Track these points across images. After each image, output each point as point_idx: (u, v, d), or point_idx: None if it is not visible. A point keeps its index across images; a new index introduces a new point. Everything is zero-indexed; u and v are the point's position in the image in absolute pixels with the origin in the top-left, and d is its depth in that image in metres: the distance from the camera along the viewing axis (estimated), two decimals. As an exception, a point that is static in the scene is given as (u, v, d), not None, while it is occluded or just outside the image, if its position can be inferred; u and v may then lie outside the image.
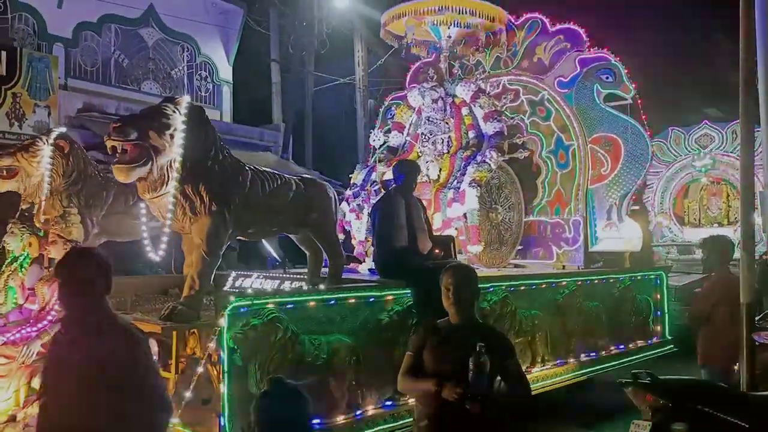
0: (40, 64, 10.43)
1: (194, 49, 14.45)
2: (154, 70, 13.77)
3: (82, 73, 12.37)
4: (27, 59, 10.27)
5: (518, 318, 5.94)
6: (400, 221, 4.99)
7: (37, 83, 10.34)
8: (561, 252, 7.22)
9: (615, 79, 7.16)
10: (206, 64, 14.81)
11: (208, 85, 14.90)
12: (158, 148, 3.88)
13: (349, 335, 4.52)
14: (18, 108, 10.14)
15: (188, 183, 4.00)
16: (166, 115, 3.96)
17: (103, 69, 12.79)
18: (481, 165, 6.53)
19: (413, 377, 3.23)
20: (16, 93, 10.13)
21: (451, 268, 3.42)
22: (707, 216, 16.39)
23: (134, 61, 13.38)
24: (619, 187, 7.05)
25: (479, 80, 7.58)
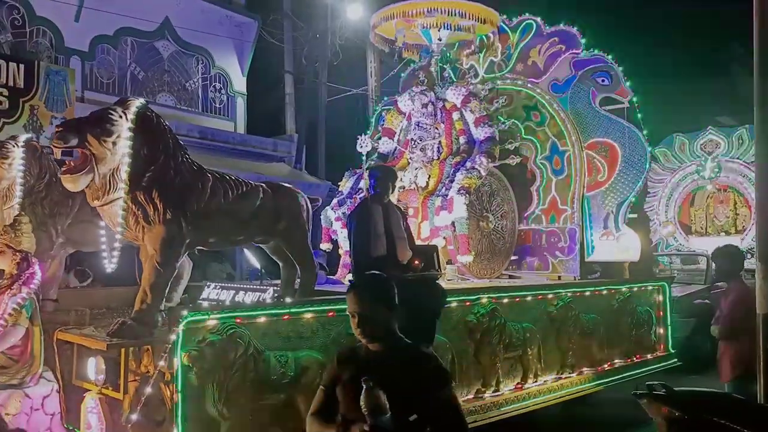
0: (57, 76, 10.58)
1: (209, 61, 14.62)
2: (169, 82, 13.90)
3: (98, 85, 12.52)
4: (44, 72, 10.42)
5: (508, 331, 5.65)
6: (377, 230, 4.72)
7: (54, 96, 10.43)
8: (556, 262, 6.92)
9: (611, 82, 6.89)
10: (220, 75, 14.93)
11: (223, 96, 15.00)
12: (98, 156, 3.67)
13: (321, 351, 4.24)
14: (35, 120, 10.25)
15: (140, 190, 3.77)
16: (110, 121, 3.75)
17: (119, 81, 12.91)
18: (471, 171, 6.26)
19: (319, 420, 2.78)
20: (33, 105, 10.26)
21: (351, 289, 2.89)
22: (714, 225, 15.98)
23: (150, 74, 13.54)
24: (616, 195, 6.75)
25: (471, 84, 7.32)
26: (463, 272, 6.41)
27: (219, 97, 14.82)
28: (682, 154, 15.88)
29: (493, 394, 5.49)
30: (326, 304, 4.32)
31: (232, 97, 15.08)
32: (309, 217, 4.81)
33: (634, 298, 7.23)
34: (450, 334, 5.20)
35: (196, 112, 14.32)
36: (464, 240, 5.97)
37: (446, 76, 7.20)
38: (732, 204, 15.72)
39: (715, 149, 15.43)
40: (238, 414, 3.74)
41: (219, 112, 14.83)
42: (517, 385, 5.77)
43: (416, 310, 4.58)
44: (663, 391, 3.40)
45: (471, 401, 5.28)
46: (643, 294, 7.53)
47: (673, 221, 15.97)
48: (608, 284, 6.90)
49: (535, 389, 5.89)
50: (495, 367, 5.52)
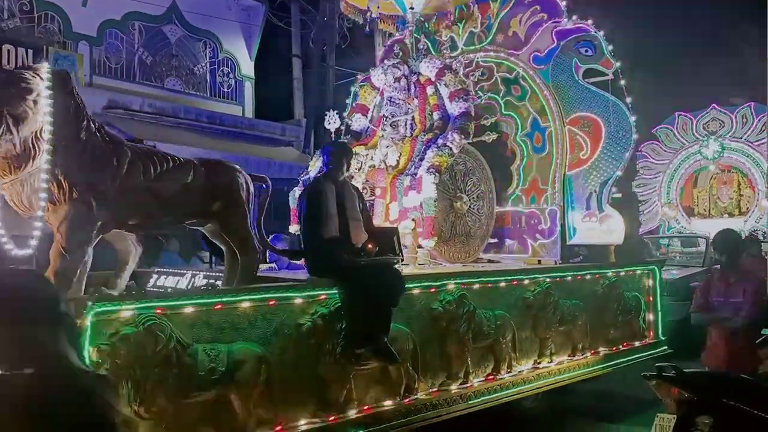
0: (65, 62, 10.70)
1: (216, 45, 14.65)
2: (177, 66, 13.95)
3: (106, 70, 12.58)
4: (53, 57, 10.48)
5: (478, 319, 5.27)
6: (329, 210, 4.34)
7: None
8: (536, 245, 6.53)
9: (595, 52, 6.42)
10: (228, 60, 14.96)
11: (230, 80, 15.02)
12: (18, 116, 3.28)
13: (260, 343, 3.89)
14: None
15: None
16: (25, 80, 3.36)
17: (127, 66, 12.98)
18: (442, 149, 5.85)
19: None
20: None
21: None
22: (717, 206, 15.51)
23: (158, 58, 13.59)
24: (599, 173, 6.32)
25: (450, 58, 6.88)
26: (435, 256, 6.03)
27: (227, 81, 14.88)
28: (684, 133, 15.39)
29: (461, 386, 5.13)
30: (266, 292, 3.96)
31: (240, 82, 15.13)
32: (251, 197, 4.42)
33: (620, 282, 6.85)
34: (413, 322, 4.85)
35: (204, 96, 14.39)
36: (429, 222, 5.59)
37: (421, 48, 6.76)
38: (736, 185, 15.26)
39: (718, 128, 14.93)
40: (159, 414, 3.40)
41: (227, 96, 14.91)
42: (488, 376, 5.42)
43: (371, 298, 4.25)
44: (673, 372, 3.50)
45: (435, 394, 4.93)
46: (631, 278, 7.15)
47: (675, 203, 15.52)
48: (592, 268, 6.50)
49: (508, 380, 5.53)
50: (463, 358, 5.15)
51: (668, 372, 3.51)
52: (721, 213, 15.31)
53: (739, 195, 15.33)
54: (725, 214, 15.19)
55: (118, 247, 4.76)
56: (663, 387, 3.52)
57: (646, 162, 15.72)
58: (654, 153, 15.72)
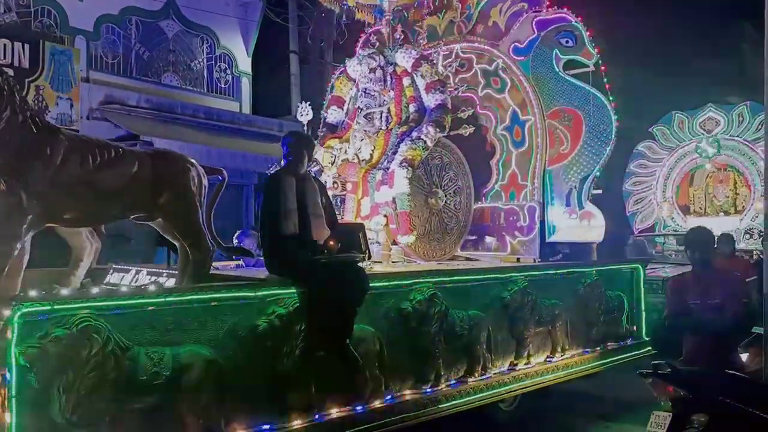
0: (62, 56, 10.54)
1: (214, 41, 14.58)
2: (174, 62, 13.90)
3: (103, 65, 12.48)
4: (49, 52, 10.36)
5: (450, 319, 5.06)
6: (287, 205, 4.11)
7: (59, 76, 10.46)
8: (515, 242, 6.32)
9: (576, 43, 6.20)
10: (225, 55, 14.89)
11: (228, 76, 14.94)
12: None
13: (211, 346, 3.67)
14: (41, 100, 10.26)
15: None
16: None
17: (124, 61, 12.90)
18: (416, 142, 5.64)
19: None
20: (39, 85, 10.24)
21: None
22: (713, 205, 15.43)
23: (155, 54, 13.53)
24: (579, 169, 6.11)
25: (429, 48, 6.67)
26: (409, 254, 5.82)
27: (224, 77, 14.82)
28: (681, 132, 15.33)
29: (432, 389, 4.92)
30: (218, 292, 3.73)
31: (237, 78, 15.06)
32: (203, 190, 4.17)
33: (603, 281, 6.66)
34: (380, 323, 4.63)
35: (201, 92, 14.28)
36: (405, 218, 5.37)
37: (398, 38, 6.53)
38: (732, 183, 15.22)
39: (714, 127, 14.87)
40: (94, 422, 3.17)
41: (224, 92, 14.84)
42: (460, 378, 5.20)
43: (332, 298, 4.03)
44: (668, 370, 3.58)
45: (403, 397, 4.71)
46: (614, 277, 6.95)
47: (671, 201, 15.46)
48: (572, 267, 6.30)
49: (482, 383, 5.32)
50: (434, 360, 4.94)
51: (664, 370, 3.56)
52: (716, 211, 15.22)
53: (735, 194, 15.26)
54: (721, 212, 15.10)
55: (72, 243, 4.53)
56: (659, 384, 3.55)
57: (643, 161, 15.64)
58: (650, 152, 15.64)
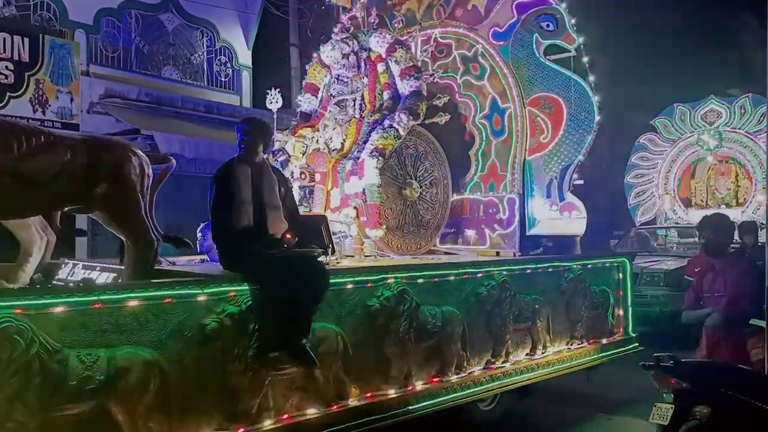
0: (62, 50, 10.56)
1: (214, 34, 14.56)
2: (174, 55, 13.90)
3: (103, 59, 12.44)
4: (49, 46, 10.37)
5: (421, 317, 4.81)
6: (241, 196, 3.85)
7: (59, 69, 10.49)
8: (495, 236, 6.07)
9: (557, 27, 5.93)
10: (226, 49, 14.88)
11: (228, 70, 14.94)
12: None
13: (152, 347, 3.41)
14: (41, 94, 10.31)
15: None
16: None
17: (124, 55, 12.90)
18: (388, 131, 5.38)
19: None
20: (39, 79, 10.23)
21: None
22: (714, 197, 15.31)
23: (155, 47, 13.52)
24: (560, 158, 5.86)
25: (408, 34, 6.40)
26: (382, 248, 5.57)
27: (224, 70, 14.81)
28: (682, 124, 15.18)
29: (400, 391, 4.67)
30: (159, 289, 3.47)
31: (238, 71, 15.04)
32: (146, 181, 3.90)
33: (587, 276, 6.41)
34: (344, 321, 4.38)
35: (202, 85, 14.27)
36: (374, 211, 5.12)
37: (372, 22, 6.25)
38: (733, 176, 15.09)
39: (716, 119, 14.70)
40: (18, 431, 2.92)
41: (224, 85, 14.86)
42: (432, 378, 4.96)
43: (288, 295, 3.78)
44: (671, 362, 3.57)
45: (370, 399, 4.46)
46: (599, 272, 6.71)
47: (672, 194, 15.32)
48: (553, 261, 6.04)
49: (456, 382, 5.07)
50: (403, 359, 4.68)
51: (666, 362, 3.55)
52: (718, 204, 15.10)
53: (737, 186, 15.14)
54: (722, 204, 14.96)
55: (20, 236, 4.28)
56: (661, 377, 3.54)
57: (644, 153, 15.46)
58: (652, 144, 15.48)
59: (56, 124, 10.32)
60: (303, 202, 5.48)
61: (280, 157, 5.49)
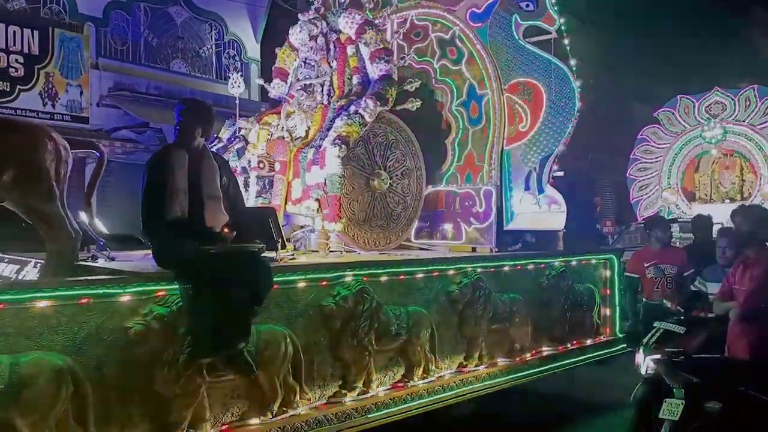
0: (71, 43, 10.69)
1: (222, 27, 14.56)
2: (182, 48, 13.94)
3: (112, 52, 12.46)
4: (59, 39, 10.47)
5: (384, 317, 4.46)
6: (175, 185, 3.49)
7: (69, 63, 10.63)
8: (470, 230, 5.71)
9: (537, 7, 5.55)
10: (234, 42, 14.91)
11: (236, 63, 14.93)
12: None
13: (65, 353, 3.07)
14: (51, 87, 10.35)
15: None
16: None
17: (133, 48, 12.91)
18: (353, 117, 5.01)
19: None
20: (48, 72, 10.26)
21: None
22: (718, 191, 14.92)
23: (163, 40, 13.52)
24: (539, 148, 5.49)
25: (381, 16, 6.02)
26: (348, 243, 5.21)
27: (233, 63, 14.80)
28: (686, 116, 14.76)
29: (359, 397, 4.32)
30: (73, 288, 3.12)
31: (246, 64, 15.00)
32: (65, 168, 3.53)
33: (570, 274, 6.07)
34: (295, 322, 4.04)
35: (210, 79, 14.25)
36: (334, 203, 4.75)
37: (342, 2, 5.87)
38: (738, 170, 14.70)
39: (721, 112, 14.30)
40: None
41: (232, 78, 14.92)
42: (396, 383, 4.62)
43: (224, 294, 3.42)
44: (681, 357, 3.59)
45: (323, 407, 4.12)
46: (583, 269, 6.36)
47: (675, 188, 14.95)
48: (533, 258, 5.69)
49: (422, 387, 4.73)
50: (362, 363, 4.35)
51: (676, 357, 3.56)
52: (722, 198, 14.71)
53: (742, 180, 14.75)
54: (727, 199, 14.57)
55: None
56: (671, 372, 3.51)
57: (648, 146, 15.08)
58: (655, 137, 15.10)
59: (66, 116, 10.55)
60: (262, 194, 5.13)
61: (237, 144, 5.14)
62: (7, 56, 9.83)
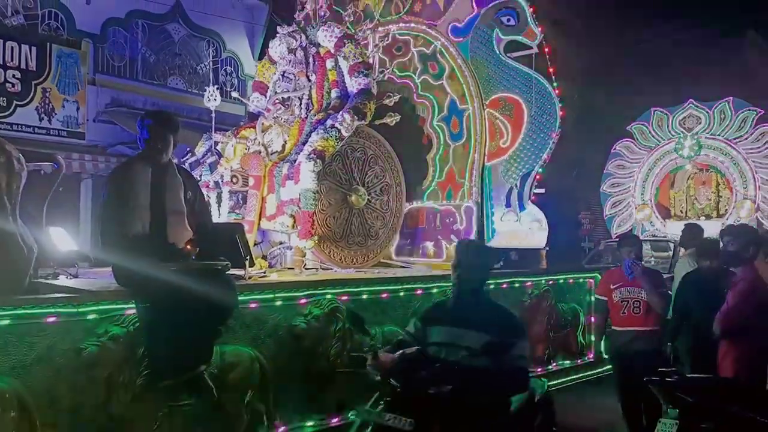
0: (68, 59, 10.68)
1: (220, 44, 14.61)
2: (180, 65, 13.91)
3: (110, 68, 12.41)
4: (56, 55, 10.45)
5: (359, 338, 4.31)
6: (137, 200, 3.35)
7: (66, 78, 10.58)
8: (451, 248, 5.56)
9: (518, 21, 5.46)
10: (231, 59, 14.92)
11: (234, 80, 14.89)
12: None
13: (13, 375, 2.92)
14: (47, 103, 10.37)
15: None
16: None
17: (130, 64, 12.89)
18: (329, 131, 4.89)
19: None
20: (45, 88, 10.28)
21: None
22: (694, 208, 14.70)
23: (161, 57, 13.51)
24: (520, 164, 5.37)
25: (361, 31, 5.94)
26: (324, 261, 5.07)
27: (230, 80, 14.76)
28: (660, 130, 14.57)
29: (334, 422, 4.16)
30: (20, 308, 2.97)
31: (243, 81, 14.89)
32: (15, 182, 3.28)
33: (553, 293, 5.94)
34: (263, 343, 3.89)
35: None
36: (307, 219, 4.62)
37: (322, 15, 5.78)
38: (714, 185, 14.46)
39: (695, 125, 14.14)
40: None
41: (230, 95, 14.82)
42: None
43: (185, 314, 3.27)
44: (675, 377, 3.58)
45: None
46: (567, 288, 6.23)
47: (649, 204, 14.73)
48: (515, 276, 5.55)
49: (398, 411, 4.55)
50: (335, 386, 4.19)
51: (671, 377, 3.56)
52: (698, 215, 14.50)
53: (718, 196, 14.54)
54: (702, 216, 14.39)
55: None
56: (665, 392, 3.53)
57: (621, 161, 14.90)
58: (628, 151, 14.90)
59: (62, 132, 10.50)
60: (235, 209, 4.99)
61: (209, 158, 5.01)
62: (4, 71, 9.84)
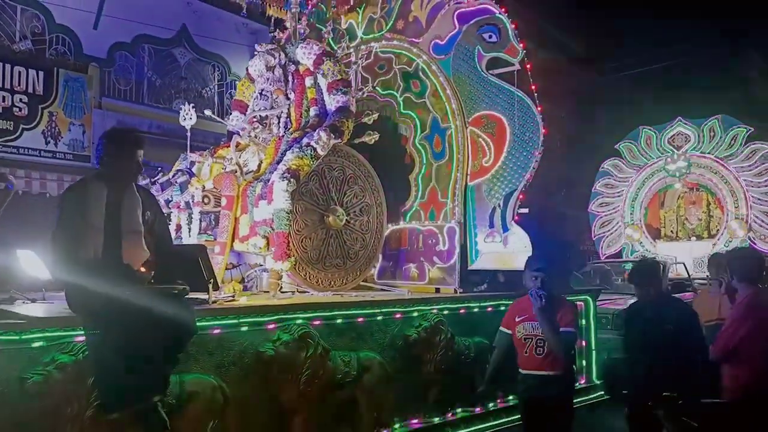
0: (75, 83, 10.86)
1: (225, 68, 14.79)
2: (185, 89, 14.09)
3: (116, 92, 12.61)
4: (63, 79, 10.65)
5: (332, 365, 4.12)
6: (90, 221, 3.18)
7: (72, 102, 10.77)
8: (434, 270, 5.40)
9: (500, 38, 5.33)
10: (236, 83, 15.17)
11: None
12: None
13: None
14: (54, 126, 10.56)
15: None
16: None
17: (136, 88, 13.04)
18: (304, 150, 4.74)
19: None
20: (52, 112, 10.49)
21: None
22: (685, 228, 14.38)
23: (167, 81, 13.68)
24: (503, 183, 5.21)
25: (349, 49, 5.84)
26: (300, 284, 4.90)
27: None
28: (648, 148, 14.32)
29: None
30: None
31: None
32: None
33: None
34: (228, 371, 3.70)
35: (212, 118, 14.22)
36: (282, 240, 4.45)
37: (302, 33, 5.67)
38: (705, 205, 14.16)
39: (684, 143, 13.88)
40: None
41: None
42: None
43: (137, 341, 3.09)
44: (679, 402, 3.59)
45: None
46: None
47: (639, 224, 14.43)
48: (499, 299, 5.36)
49: (375, 442, 4.36)
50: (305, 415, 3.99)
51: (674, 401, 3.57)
52: (688, 235, 14.19)
53: (709, 216, 14.22)
54: (693, 236, 14.09)
55: None
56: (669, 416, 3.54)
57: (609, 180, 14.63)
58: (617, 170, 14.65)
59: (68, 155, 10.66)
60: (207, 230, 4.83)
61: (179, 178, 4.86)
62: (12, 96, 10.02)
